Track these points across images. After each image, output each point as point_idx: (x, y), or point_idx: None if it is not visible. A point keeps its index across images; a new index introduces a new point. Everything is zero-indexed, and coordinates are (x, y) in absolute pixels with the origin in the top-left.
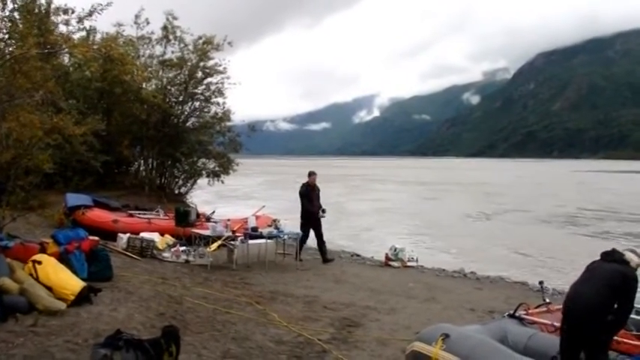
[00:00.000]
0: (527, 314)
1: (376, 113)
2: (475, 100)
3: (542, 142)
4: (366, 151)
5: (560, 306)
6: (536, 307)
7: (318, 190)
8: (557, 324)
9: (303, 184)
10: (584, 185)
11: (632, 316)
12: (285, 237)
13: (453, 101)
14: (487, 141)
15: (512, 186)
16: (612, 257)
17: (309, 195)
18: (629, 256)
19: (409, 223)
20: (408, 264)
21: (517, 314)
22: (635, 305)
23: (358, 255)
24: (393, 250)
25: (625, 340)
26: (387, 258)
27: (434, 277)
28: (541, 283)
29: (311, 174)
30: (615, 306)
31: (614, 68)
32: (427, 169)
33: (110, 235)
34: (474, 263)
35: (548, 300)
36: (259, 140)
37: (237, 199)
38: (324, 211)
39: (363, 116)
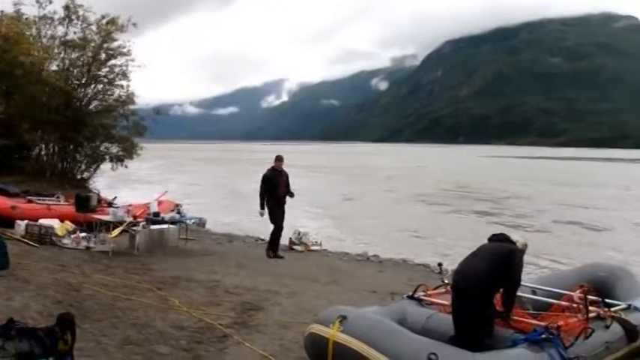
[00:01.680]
0: (426, 295)
1: (285, 98)
2: (383, 85)
3: (448, 127)
4: (274, 136)
5: None
6: (435, 289)
7: (287, 176)
8: None
9: (269, 170)
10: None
11: (529, 295)
12: (188, 222)
13: (361, 87)
14: (394, 126)
15: (409, 170)
16: (500, 238)
17: (276, 180)
18: (515, 237)
19: (311, 207)
20: (312, 248)
21: (416, 295)
22: (531, 285)
23: (262, 239)
24: (297, 234)
25: (520, 319)
26: (291, 242)
27: (337, 261)
28: (440, 264)
29: (278, 158)
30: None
31: (519, 57)
32: (332, 154)
33: (8, 222)
34: (377, 247)
35: (447, 281)
36: (166, 124)
37: (141, 184)
38: (292, 195)
39: (271, 101)
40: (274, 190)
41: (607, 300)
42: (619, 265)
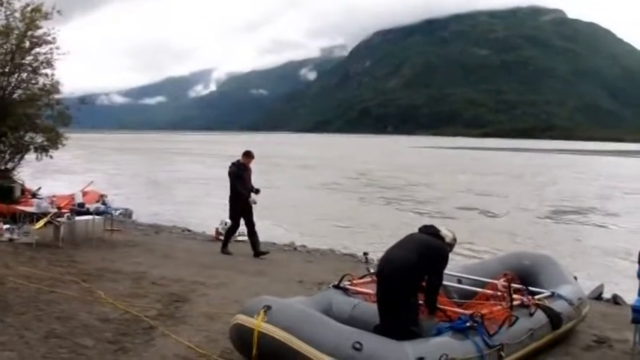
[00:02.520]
0: (351, 285)
1: (213, 87)
2: (312, 76)
3: (377, 118)
4: (202, 126)
5: None
6: (361, 278)
7: (251, 173)
8: None
9: (234, 164)
10: (403, 159)
11: (454, 284)
12: (114, 213)
13: (290, 77)
14: (324, 117)
15: (331, 160)
16: (429, 230)
17: (242, 176)
18: (445, 232)
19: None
20: (239, 238)
21: (342, 285)
22: (457, 273)
23: (189, 230)
24: (223, 224)
25: (446, 307)
26: (218, 233)
27: None
28: (365, 254)
29: (247, 154)
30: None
31: (447, 48)
32: (259, 144)
33: None
34: (305, 237)
35: (372, 270)
36: (92, 114)
37: (65, 174)
38: (257, 191)
39: (199, 90)
40: (240, 186)
41: (531, 288)
42: (543, 254)
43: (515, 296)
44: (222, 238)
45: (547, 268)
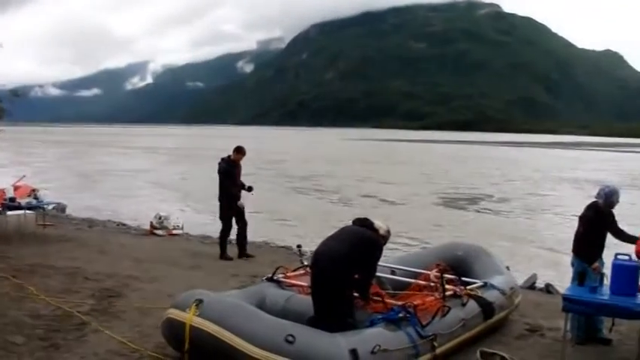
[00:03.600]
0: (285, 277)
1: (149, 80)
2: (249, 68)
3: (314, 111)
4: (139, 119)
5: None
6: (294, 270)
7: (241, 169)
8: None
9: (224, 160)
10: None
11: (387, 275)
12: (47, 207)
13: (227, 69)
14: (260, 109)
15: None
16: (363, 223)
17: (232, 173)
18: (378, 224)
19: (171, 191)
20: (174, 232)
21: (275, 277)
22: (391, 265)
23: (124, 224)
24: (158, 218)
25: (379, 299)
26: (152, 226)
27: (199, 245)
28: (299, 246)
29: (238, 150)
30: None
31: (385, 41)
32: (194, 137)
33: None
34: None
35: (306, 262)
36: (26, 107)
37: None
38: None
39: (135, 83)
40: (230, 184)
41: (464, 278)
42: (476, 245)
43: (447, 287)
44: (157, 232)
45: (480, 258)
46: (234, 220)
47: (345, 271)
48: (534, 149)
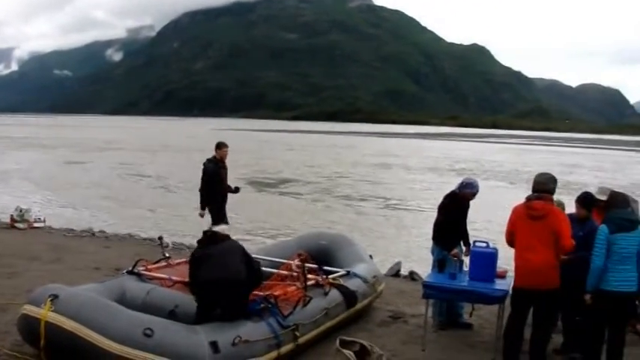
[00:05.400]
0: (146, 270)
1: (14, 67)
2: (118, 56)
3: (184, 100)
4: (3, 108)
5: (181, 260)
6: (156, 263)
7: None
8: (176, 278)
9: (210, 161)
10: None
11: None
12: None
13: (95, 57)
14: (130, 99)
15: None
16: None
17: (220, 174)
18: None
19: (29, 183)
20: (35, 225)
21: (136, 270)
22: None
23: None
24: (19, 210)
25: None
26: (13, 219)
27: (62, 238)
28: (160, 238)
29: (221, 145)
30: None
31: (255, 31)
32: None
33: None
34: (104, 222)
35: (167, 255)
36: None
37: None
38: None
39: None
40: (219, 186)
41: (326, 267)
42: (340, 234)
43: (309, 276)
44: (17, 225)
45: (343, 247)
46: None
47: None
48: (401, 139)
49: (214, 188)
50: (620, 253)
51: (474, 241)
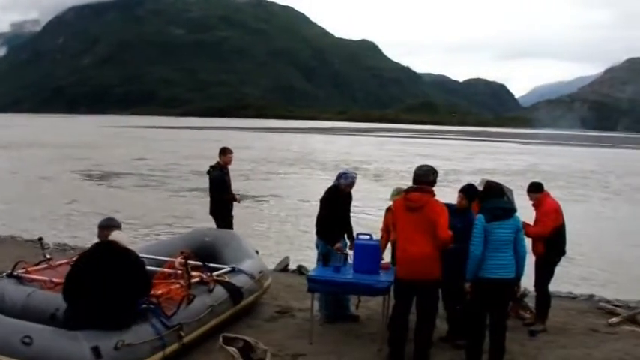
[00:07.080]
0: (26, 272)
1: None
2: (2, 52)
3: (70, 97)
4: None
5: (63, 261)
6: (37, 264)
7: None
8: (57, 280)
9: (214, 168)
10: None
11: None
12: None
13: None
14: (14, 96)
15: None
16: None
17: (226, 181)
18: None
19: None
20: None
21: (15, 273)
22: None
23: None
24: None
25: None
26: None
27: None
28: (40, 239)
29: (225, 151)
30: None
31: (143, 27)
32: None
33: None
34: None
35: (49, 256)
36: None
37: None
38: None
39: None
40: (225, 194)
41: (211, 264)
42: (225, 230)
43: (193, 274)
44: None
45: (229, 243)
46: None
47: None
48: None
49: (222, 195)
50: (496, 242)
51: (357, 234)
